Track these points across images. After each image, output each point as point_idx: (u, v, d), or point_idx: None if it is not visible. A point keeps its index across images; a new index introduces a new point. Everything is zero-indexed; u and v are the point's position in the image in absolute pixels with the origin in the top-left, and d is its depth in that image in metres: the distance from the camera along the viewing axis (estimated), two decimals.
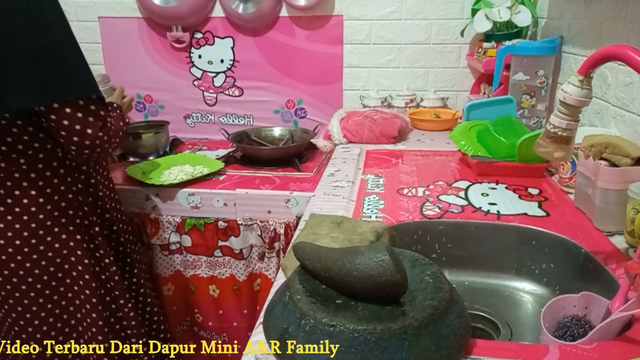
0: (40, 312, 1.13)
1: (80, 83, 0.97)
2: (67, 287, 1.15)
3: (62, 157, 1.08)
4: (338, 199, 1.14)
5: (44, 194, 1.07)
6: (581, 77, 0.73)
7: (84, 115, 0.97)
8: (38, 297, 1.11)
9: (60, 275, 1.13)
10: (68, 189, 1.10)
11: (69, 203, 1.10)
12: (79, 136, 0.97)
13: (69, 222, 1.11)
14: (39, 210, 1.07)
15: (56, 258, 1.11)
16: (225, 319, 1.52)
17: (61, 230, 1.10)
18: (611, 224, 0.93)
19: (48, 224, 1.08)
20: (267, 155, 1.65)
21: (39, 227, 1.07)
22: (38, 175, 1.06)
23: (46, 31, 0.93)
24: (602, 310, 0.70)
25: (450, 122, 1.79)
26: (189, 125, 2.12)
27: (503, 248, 1.00)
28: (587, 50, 1.34)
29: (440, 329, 0.57)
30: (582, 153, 0.97)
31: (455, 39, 1.88)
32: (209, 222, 1.43)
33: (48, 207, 1.08)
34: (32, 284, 1.10)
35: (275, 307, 0.64)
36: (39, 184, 1.06)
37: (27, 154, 1.04)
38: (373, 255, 0.60)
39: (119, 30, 2.02)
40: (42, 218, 1.07)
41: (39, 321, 1.14)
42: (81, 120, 0.97)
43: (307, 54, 1.95)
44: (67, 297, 1.15)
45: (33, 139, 1.03)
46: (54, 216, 1.09)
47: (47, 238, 1.08)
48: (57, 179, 1.08)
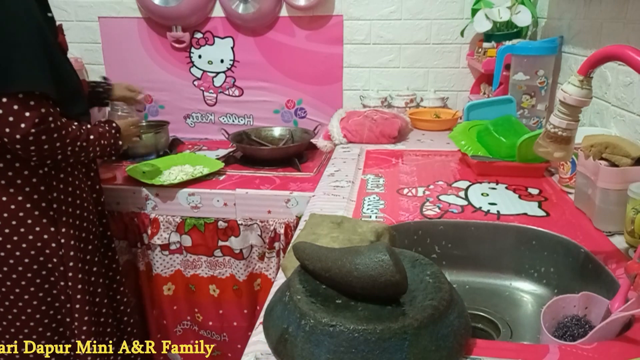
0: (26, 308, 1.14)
1: (25, 78, 0.97)
2: (54, 284, 1.16)
3: None
4: (338, 199, 1.14)
5: (22, 192, 1.09)
6: (581, 77, 0.73)
7: (21, 108, 0.97)
8: (29, 296, 1.13)
9: (40, 268, 1.14)
10: (48, 188, 1.12)
11: (41, 194, 1.12)
12: (11, 128, 0.97)
13: (49, 217, 1.13)
14: (17, 207, 1.09)
15: (31, 250, 1.12)
16: (225, 318, 1.53)
17: (43, 225, 1.12)
18: (611, 224, 0.93)
19: (29, 221, 1.10)
20: (267, 155, 1.65)
21: (19, 223, 1.09)
22: (16, 174, 1.07)
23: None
24: (602, 310, 0.70)
25: (450, 122, 1.79)
26: (189, 125, 2.12)
27: (503, 248, 1.00)
28: (587, 50, 1.34)
29: (440, 329, 0.57)
30: (582, 153, 0.97)
31: (455, 39, 1.88)
32: (209, 222, 1.43)
33: (27, 205, 1.10)
34: (21, 280, 1.12)
35: (275, 307, 0.64)
36: (17, 182, 1.08)
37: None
38: (373, 255, 0.60)
39: (119, 30, 2.02)
40: (22, 216, 1.09)
41: (25, 316, 1.15)
42: (15, 112, 0.97)
43: (307, 54, 1.95)
44: (53, 294, 1.17)
45: None
46: (35, 214, 1.11)
47: (21, 229, 1.10)
48: (36, 178, 1.10)
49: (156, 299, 1.54)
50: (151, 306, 1.55)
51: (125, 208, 1.47)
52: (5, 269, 1.10)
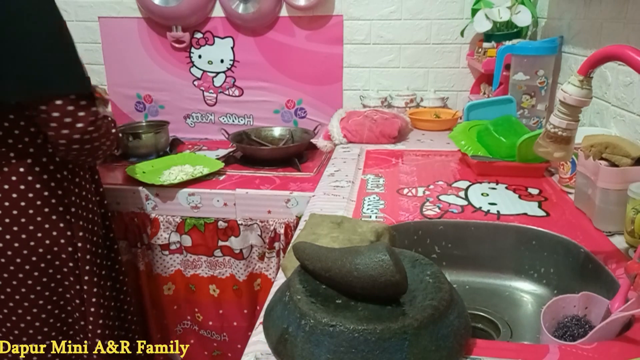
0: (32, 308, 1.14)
1: (74, 79, 0.98)
2: (60, 283, 1.16)
3: (52, 154, 1.09)
4: (338, 199, 1.14)
5: (42, 196, 1.08)
6: (581, 77, 0.73)
7: (75, 108, 0.98)
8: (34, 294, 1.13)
9: (51, 271, 1.13)
10: (57, 186, 1.11)
11: (59, 199, 1.11)
12: (69, 129, 0.98)
13: (66, 222, 1.12)
14: (36, 212, 1.08)
15: (47, 254, 1.11)
16: (225, 318, 1.53)
17: (51, 226, 1.11)
18: (611, 224, 0.93)
19: (46, 226, 1.10)
20: (267, 155, 1.65)
21: (37, 228, 1.08)
22: (27, 169, 1.07)
23: (41, 26, 0.94)
24: (602, 310, 0.70)
25: (450, 122, 1.79)
26: (189, 125, 2.12)
27: (503, 248, 1.00)
28: (587, 50, 1.34)
29: (440, 329, 0.57)
30: (582, 153, 0.97)
31: (455, 39, 1.88)
32: (209, 222, 1.43)
33: (45, 209, 1.09)
34: (26, 280, 1.11)
35: (275, 307, 0.64)
36: (37, 186, 1.07)
37: (17, 148, 1.05)
38: (373, 255, 0.60)
39: (119, 30, 2.02)
40: (39, 220, 1.08)
41: (30, 317, 1.14)
42: (72, 113, 0.97)
43: (307, 54, 1.95)
44: (59, 292, 1.16)
45: (24, 134, 1.04)
46: (53, 219, 1.10)
47: (38, 234, 1.09)
48: (54, 182, 1.10)
49: (156, 298, 1.54)
50: (151, 306, 1.55)
51: (125, 208, 1.47)
52: (20, 276, 1.09)
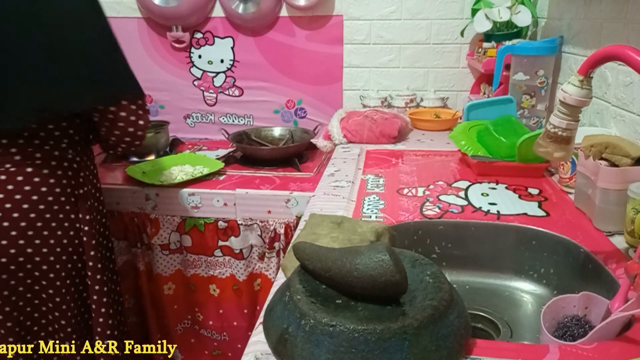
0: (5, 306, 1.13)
1: (134, 79, 1.08)
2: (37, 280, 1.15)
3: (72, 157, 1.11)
4: (338, 199, 1.14)
5: (53, 192, 1.08)
6: (581, 77, 0.73)
7: (137, 107, 1.08)
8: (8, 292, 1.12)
9: (74, 273, 1.13)
10: (75, 187, 1.12)
11: (57, 197, 1.10)
12: (134, 126, 1.08)
13: (77, 216, 1.12)
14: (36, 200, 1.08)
15: (73, 255, 1.12)
16: (225, 318, 1.53)
17: (70, 224, 1.11)
18: (611, 224, 0.93)
19: (66, 224, 1.10)
20: (267, 155, 1.65)
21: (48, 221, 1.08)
22: (50, 171, 1.07)
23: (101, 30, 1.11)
24: (602, 310, 0.70)
25: (450, 122, 1.79)
26: (189, 125, 2.12)
27: (503, 248, 1.00)
28: (587, 50, 1.34)
29: (440, 329, 0.57)
30: (582, 153, 0.97)
31: (455, 39, 1.88)
32: (209, 222, 1.43)
33: (55, 205, 1.09)
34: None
35: (275, 307, 0.64)
36: (50, 181, 1.07)
37: (44, 150, 1.06)
38: (373, 255, 0.60)
39: (119, 30, 1.96)
40: (49, 217, 1.08)
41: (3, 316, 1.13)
42: (135, 112, 1.08)
43: (307, 54, 1.95)
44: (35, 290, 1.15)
45: (49, 137, 1.07)
46: (66, 209, 1.10)
47: (58, 232, 1.09)
48: (66, 180, 1.10)
49: (156, 298, 1.54)
50: (151, 306, 1.55)
51: (125, 208, 1.47)
52: (36, 274, 1.09)
